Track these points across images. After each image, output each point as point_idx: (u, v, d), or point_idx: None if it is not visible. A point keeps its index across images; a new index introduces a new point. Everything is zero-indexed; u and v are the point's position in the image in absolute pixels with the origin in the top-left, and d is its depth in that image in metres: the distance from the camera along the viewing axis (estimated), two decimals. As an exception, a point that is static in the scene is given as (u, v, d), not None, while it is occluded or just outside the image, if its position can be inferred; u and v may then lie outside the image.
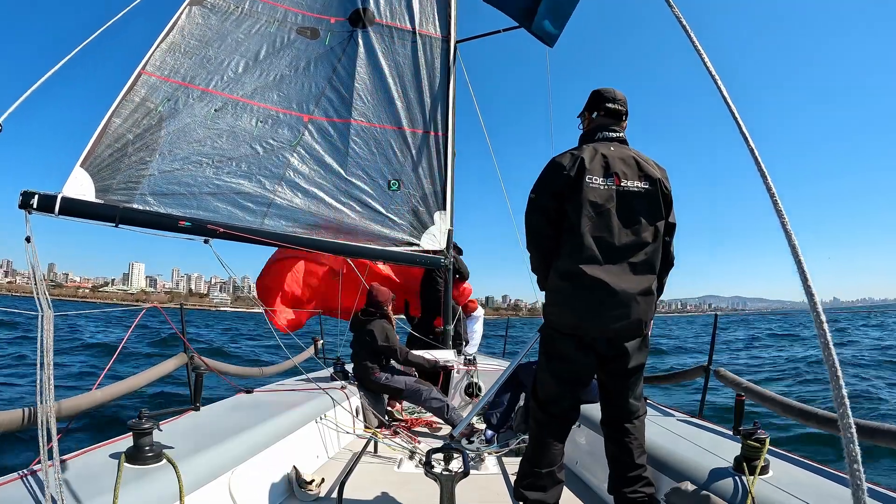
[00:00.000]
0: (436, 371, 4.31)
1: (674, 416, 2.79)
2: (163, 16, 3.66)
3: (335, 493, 2.30)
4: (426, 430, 3.83)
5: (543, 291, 2.06)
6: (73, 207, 2.96)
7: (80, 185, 3.04)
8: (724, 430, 2.43)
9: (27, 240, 2.09)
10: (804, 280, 1.01)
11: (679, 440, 2.27)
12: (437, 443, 3.00)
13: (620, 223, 1.87)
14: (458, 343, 5.11)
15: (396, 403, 4.20)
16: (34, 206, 2.75)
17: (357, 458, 2.82)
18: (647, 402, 2.54)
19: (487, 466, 2.89)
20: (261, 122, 3.91)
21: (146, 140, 3.37)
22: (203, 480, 1.86)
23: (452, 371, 4.43)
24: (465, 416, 3.05)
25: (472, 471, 2.46)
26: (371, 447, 3.11)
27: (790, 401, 2.25)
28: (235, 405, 2.90)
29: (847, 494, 0.88)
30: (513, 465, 2.39)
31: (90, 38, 2.63)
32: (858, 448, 0.88)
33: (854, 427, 0.89)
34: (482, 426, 3.43)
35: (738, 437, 1.93)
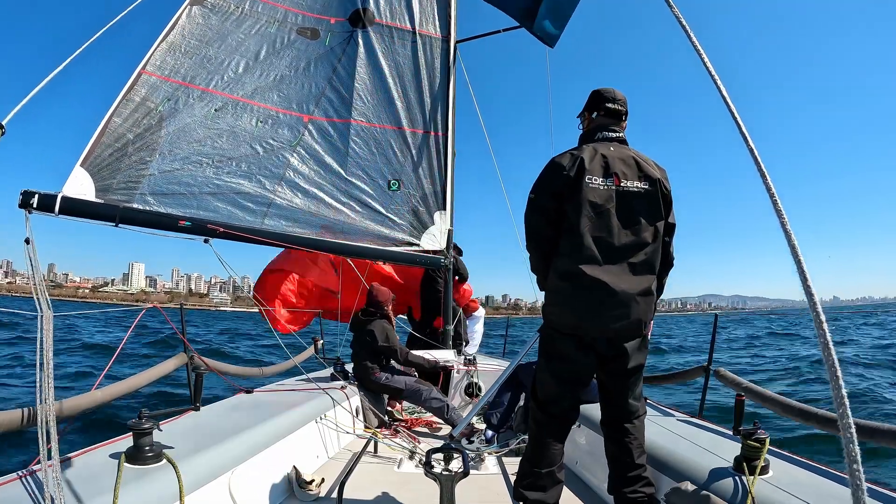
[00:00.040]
0: (436, 371, 4.32)
1: (674, 416, 2.79)
2: (164, 15, 3.66)
3: (335, 493, 2.30)
4: (426, 430, 3.83)
5: (543, 291, 2.06)
6: (74, 207, 2.95)
7: (81, 185, 3.04)
8: (724, 430, 2.43)
9: (26, 241, 2.08)
10: (804, 280, 1.01)
11: (679, 440, 2.27)
12: (437, 443, 3.00)
13: (620, 223, 1.87)
14: (458, 343, 5.11)
15: (396, 403, 4.19)
16: (34, 206, 2.75)
17: (357, 458, 2.82)
18: (647, 402, 2.54)
19: (487, 466, 2.89)
20: (261, 122, 3.91)
21: (146, 140, 3.37)
22: (203, 480, 1.86)
23: (452, 371, 4.43)
24: (465, 416, 3.05)
25: (472, 471, 2.45)
26: (371, 447, 3.11)
27: (790, 401, 2.25)
28: (235, 405, 2.90)
29: (847, 494, 0.88)
30: (513, 465, 2.39)
31: (91, 39, 2.63)
32: (858, 448, 0.88)
33: (854, 427, 0.89)
34: (482, 426, 3.43)
35: (738, 437, 1.93)
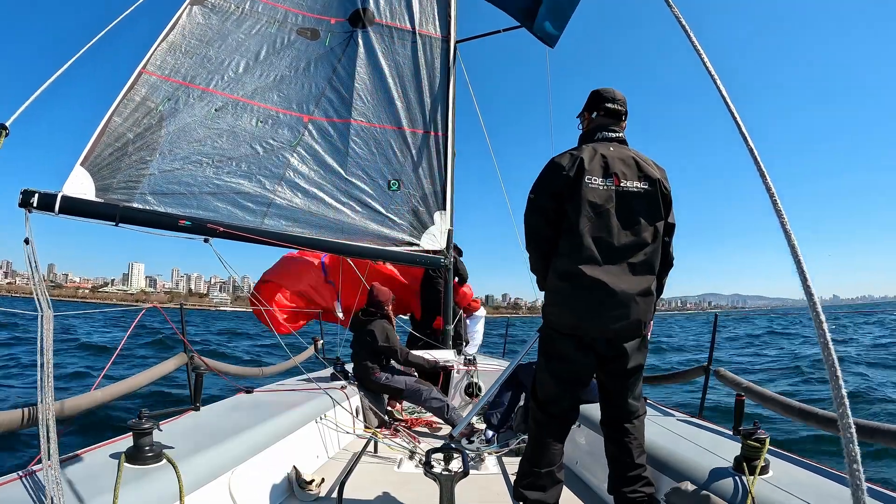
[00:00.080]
0: (436, 371, 4.32)
1: (674, 416, 2.79)
2: (164, 15, 3.66)
3: (335, 493, 2.30)
4: (426, 430, 3.83)
5: (543, 291, 2.06)
6: (74, 206, 2.95)
7: (81, 184, 3.04)
8: (724, 430, 2.43)
9: (26, 241, 2.08)
10: (804, 280, 1.01)
11: (679, 440, 2.27)
12: (437, 443, 3.00)
13: (620, 223, 1.87)
14: (459, 343, 5.11)
15: (396, 403, 4.19)
16: (34, 205, 2.75)
17: (357, 458, 2.81)
18: (647, 402, 2.54)
19: (487, 466, 2.89)
20: (261, 122, 3.91)
21: (146, 139, 3.37)
22: (203, 480, 1.86)
23: (452, 371, 4.43)
24: (465, 416, 3.05)
25: (472, 471, 2.45)
26: (371, 447, 3.11)
27: (790, 401, 2.25)
28: (235, 405, 2.90)
29: (847, 494, 0.88)
30: (513, 465, 2.39)
31: (96, 38, 2.64)
32: (858, 448, 0.88)
33: (854, 427, 0.89)
34: (482, 426, 3.43)
35: (738, 437, 1.93)
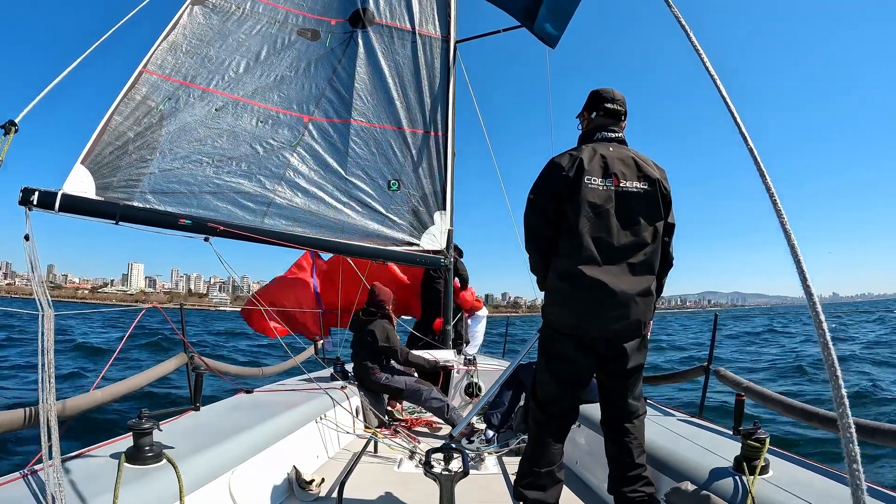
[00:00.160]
0: (436, 371, 4.31)
1: (674, 416, 2.79)
2: (165, 15, 3.66)
3: (335, 493, 2.30)
4: (426, 430, 3.83)
5: (543, 291, 2.06)
6: (74, 204, 2.95)
7: (81, 183, 3.04)
8: (724, 430, 2.43)
9: (26, 238, 2.07)
10: (803, 280, 1.01)
11: (679, 440, 2.27)
12: (437, 443, 3.00)
13: (619, 224, 1.87)
14: (459, 343, 5.11)
15: (396, 403, 4.19)
16: (34, 203, 2.74)
17: (357, 458, 2.81)
18: (647, 402, 2.53)
19: (487, 466, 2.89)
20: (261, 123, 3.92)
21: (147, 138, 3.37)
22: (203, 480, 1.86)
23: (452, 371, 4.43)
24: (465, 416, 3.05)
25: (472, 471, 2.45)
26: (371, 447, 3.11)
27: (791, 400, 2.25)
28: (235, 405, 2.90)
29: (847, 494, 0.88)
30: (513, 465, 2.39)
31: (104, 37, 2.66)
32: (858, 448, 0.88)
33: (854, 427, 0.89)
34: (482, 426, 3.43)
35: (738, 437, 1.93)
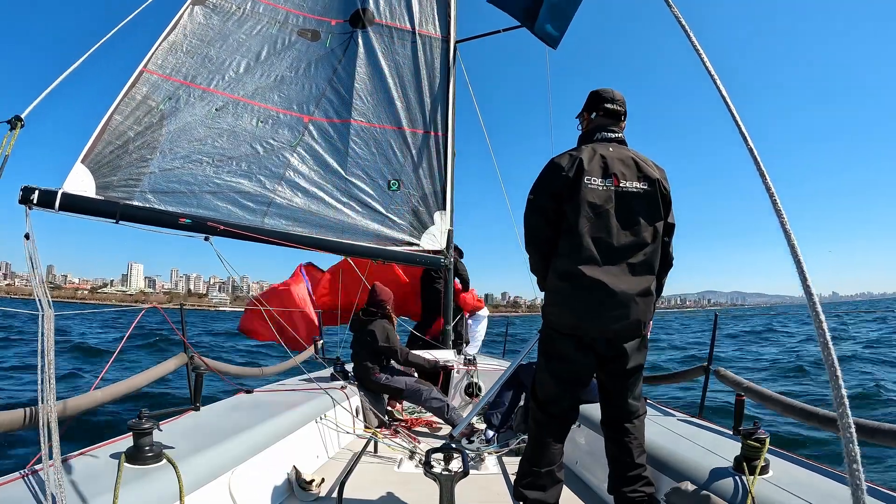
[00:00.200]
0: (436, 371, 4.31)
1: (674, 416, 2.79)
2: (167, 15, 3.66)
3: (335, 493, 2.30)
4: (426, 430, 3.83)
5: (543, 292, 2.06)
6: (74, 203, 2.95)
7: (81, 182, 3.04)
8: (725, 430, 2.43)
9: (26, 236, 2.07)
10: (804, 280, 1.01)
11: (679, 440, 2.27)
12: (437, 443, 3.00)
13: (619, 224, 1.87)
14: (459, 343, 5.11)
15: (396, 403, 4.19)
16: (34, 202, 2.74)
17: (357, 458, 2.81)
18: (647, 402, 2.53)
19: (487, 466, 2.89)
20: (261, 123, 3.92)
21: (147, 138, 3.37)
22: (203, 480, 1.86)
23: (452, 371, 4.43)
24: (466, 416, 3.04)
25: (472, 471, 2.45)
26: (371, 447, 3.11)
27: (791, 400, 2.25)
28: (235, 405, 2.89)
29: (847, 494, 0.88)
30: (513, 465, 2.39)
31: (109, 35, 2.66)
32: (858, 448, 0.88)
33: (854, 427, 0.89)
34: (482, 426, 3.43)
35: (738, 437, 1.93)
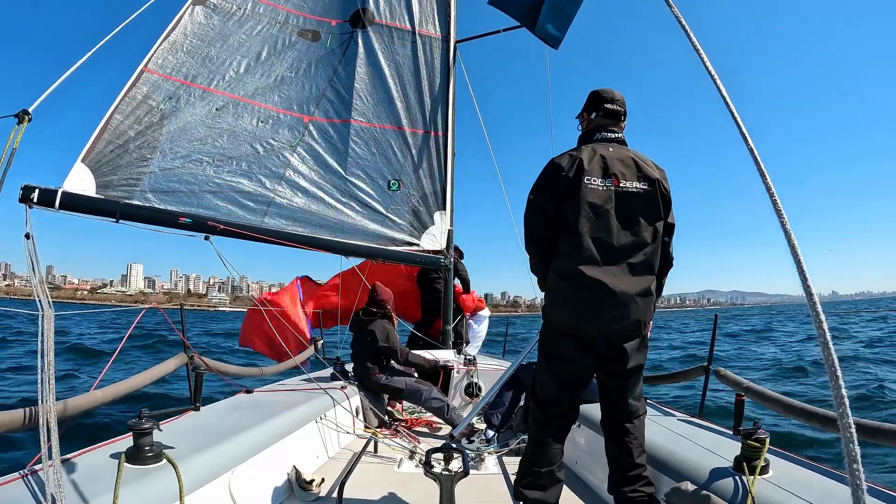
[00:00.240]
0: (436, 371, 4.31)
1: (674, 416, 2.79)
2: (169, 15, 3.66)
3: (335, 493, 2.30)
4: (426, 430, 3.83)
5: (543, 292, 2.06)
6: (74, 202, 2.94)
7: (81, 181, 3.04)
8: (725, 430, 2.43)
9: (27, 236, 2.06)
10: (804, 280, 1.01)
11: (679, 440, 2.27)
12: (437, 443, 3.00)
13: (619, 224, 1.87)
14: (459, 343, 5.11)
15: (396, 403, 4.19)
16: (34, 201, 2.74)
17: (357, 458, 2.81)
18: (647, 402, 2.53)
19: (487, 466, 2.89)
20: (261, 123, 3.92)
21: (147, 137, 3.37)
22: (203, 480, 1.86)
23: (452, 371, 4.43)
24: (466, 417, 3.04)
25: (472, 471, 2.45)
26: (371, 447, 3.11)
27: (791, 400, 2.24)
28: (235, 405, 2.89)
29: (847, 494, 0.88)
30: (513, 465, 2.39)
31: (114, 32, 2.67)
32: (858, 448, 0.88)
33: (854, 427, 0.89)
34: (482, 426, 3.43)
35: (738, 437, 1.93)
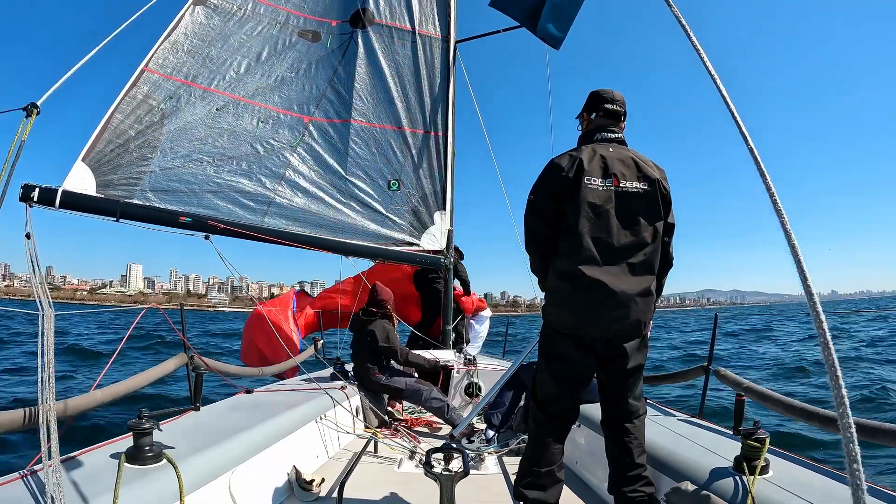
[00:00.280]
0: (436, 371, 4.31)
1: (674, 416, 2.79)
2: (169, 14, 3.66)
3: (335, 493, 2.30)
4: (426, 430, 3.83)
5: (543, 292, 2.06)
6: (74, 201, 2.94)
7: (82, 180, 3.04)
8: (725, 430, 2.43)
9: (27, 236, 2.06)
10: (804, 280, 1.01)
11: (679, 440, 2.27)
12: (438, 443, 3.00)
13: (619, 224, 1.87)
14: (459, 343, 5.11)
15: (396, 403, 4.19)
16: (34, 199, 2.74)
17: (357, 458, 2.81)
18: (648, 402, 2.53)
19: (487, 466, 2.89)
20: (262, 123, 3.92)
21: (148, 137, 3.37)
22: (203, 480, 1.86)
23: (452, 371, 4.43)
24: (466, 417, 3.04)
25: (472, 471, 2.45)
26: (371, 447, 3.11)
27: (791, 400, 2.24)
28: (235, 405, 2.89)
29: (847, 494, 0.88)
30: (513, 465, 2.39)
31: (121, 28, 2.68)
32: (858, 448, 0.88)
33: (854, 427, 0.89)
34: (482, 426, 3.43)
35: (738, 437, 1.93)
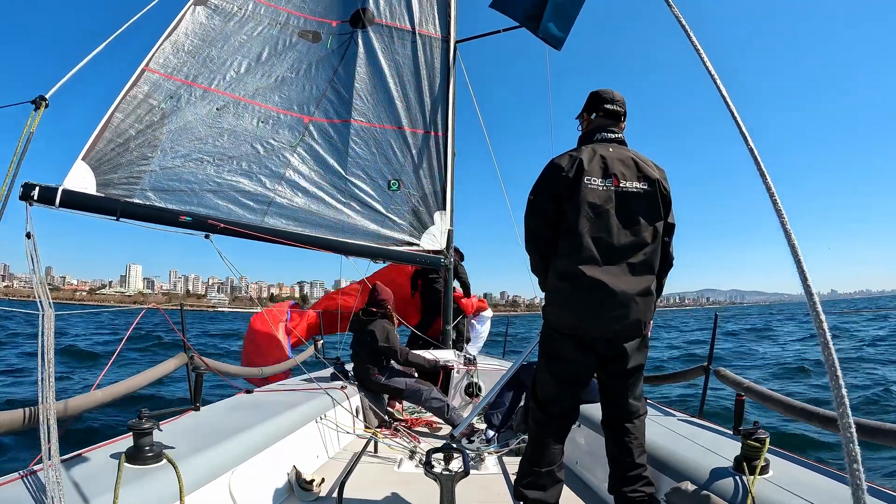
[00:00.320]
0: (436, 371, 4.31)
1: (674, 416, 2.79)
2: (170, 14, 3.67)
3: (335, 493, 2.30)
4: (426, 430, 3.83)
5: (543, 292, 2.07)
6: (75, 200, 2.94)
7: (82, 179, 3.04)
8: (725, 430, 2.43)
9: (27, 235, 2.06)
10: (804, 280, 1.01)
11: (679, 440, 2.27)
12: (438, 443, 3.00)
13: (619, 224, 1.87)
14: (459, 343, 5.11)
15: (396, 403, 4.19)
16: (35, 198, 2.74)
17: (357, 458, 2.81)
18: (648, 402, 2.53)
19: (487, 466, 2.89)
20: (262, 123, 3.92)
21: (148, 136, 3.38)
22: (203, 480, 1.86)
23: (452, 371, 4.43)
24: (466, 417, 3.04)
25: (472, 471, 2.45)
26: (371, 447, 3.11)
27: (791, 400, 2.24)
28: (235, 405, 2.89)
29: (847, 494, 0.88)
30: (513, 465, 2.39)
31: (126, 25, 2.68)
32: (858, 448, 0.88)
33: (854, 427, 0.89)
34: (482, 426, 3.43)
35: (738, 437, 1.93)
